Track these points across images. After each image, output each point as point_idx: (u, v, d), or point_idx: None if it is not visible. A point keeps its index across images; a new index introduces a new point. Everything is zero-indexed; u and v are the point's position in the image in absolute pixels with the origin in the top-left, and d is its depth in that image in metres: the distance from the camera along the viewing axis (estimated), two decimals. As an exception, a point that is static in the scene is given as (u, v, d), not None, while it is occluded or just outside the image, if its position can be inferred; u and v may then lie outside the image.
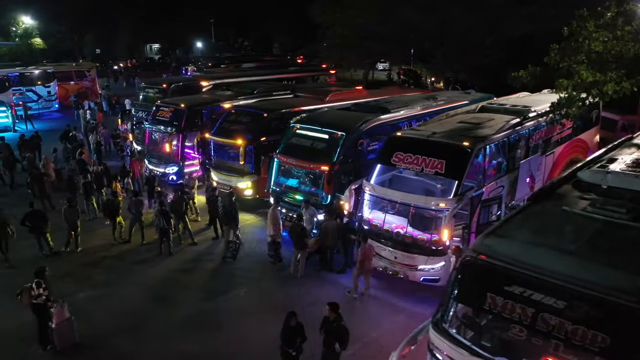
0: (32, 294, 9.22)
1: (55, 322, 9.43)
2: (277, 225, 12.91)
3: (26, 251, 13.60)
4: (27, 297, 9.22)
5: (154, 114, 19.28)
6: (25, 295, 9.22)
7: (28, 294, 9.22)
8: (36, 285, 9.29)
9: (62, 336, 9.50)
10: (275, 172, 15.06)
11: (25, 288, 9.31)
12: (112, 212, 14.14)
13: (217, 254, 13.85)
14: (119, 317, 10.81)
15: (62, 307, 9.57)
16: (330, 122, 14.55)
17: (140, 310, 11.13)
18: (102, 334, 10.20)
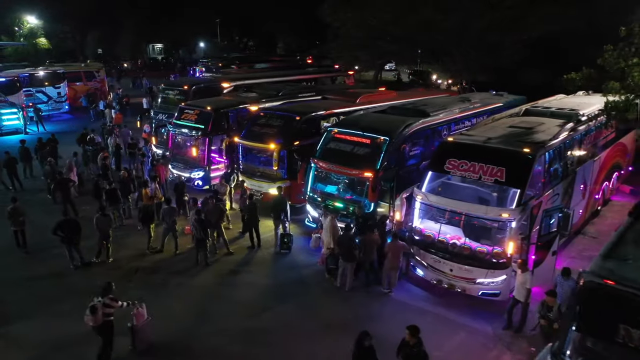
0: (104, 312, 8.79)
1: (135, 322, 9.33)
2: (336, 236, 12.23)
3: (53, 261, 12.98)
4: (100, 315, 8.71)
5: (178, 117, 18.61)
6: (98, 314, 8.68)
7: (101, 312, 8.71)
8: (110, 300, 8.93)
9: (141, 337, 9.42)
10: (312, 178, 14.45)
11: (95, 306, 8.68)
12: (149, 220, 13.44)
13: (255, 265, 13.25)
14: (161, 335, 10.13)
15: (141, 307, 9.48)
16: (371, 126, 13.92)
17: (182, 328, 10.46)
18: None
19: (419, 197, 11.53)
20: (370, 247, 11.62)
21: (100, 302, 8.76)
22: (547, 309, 9.14)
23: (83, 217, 15.67)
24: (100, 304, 8.73)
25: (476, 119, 17.21)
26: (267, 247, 14.13)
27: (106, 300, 8.85)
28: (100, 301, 8.80)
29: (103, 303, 8.79)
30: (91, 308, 8.66)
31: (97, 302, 8.74)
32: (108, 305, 8.84)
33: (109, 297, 8.93)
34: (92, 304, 8.70)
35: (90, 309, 8.66)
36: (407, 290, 11.88)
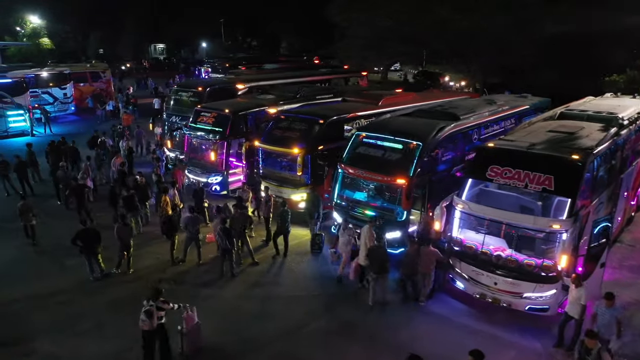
0: (159, 315, 8.72)
1: (185, 326, 9.15)
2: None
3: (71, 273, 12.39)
4: (155, 319, 8.64)
5: (195, 120, 18.00)
6: (154, 318, 8.61)
7: (156, 316, 8.64)
8: (162, 303, 8.82)
9: (191, 341, 9.25)
10: (339, 184, 13.85)
11: (150, 311, 8.59)
12: (174, 231, 12.81)
13: (283, 276, 12.65)
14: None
15: (191, 311, 9.30)
16: (402, 130, 13.33)
17: (213, 347, 9.83)
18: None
19: (459, 205, 10.94)
20: (412, 260, 10.98)
21: (153, 306, 8.64)
22: (586, 351, 8.00)
23: (97, 225, 15.16)
24: (154, 308, 8.62)
25: (504, 122, 16.71)
26: (292, 256, 13.53)
27: (158, 304, 8.75)
28: (153, 305, 8.68)
29: (156, 306, 8.68)
30: (147, 313, 8.58)
31: (150, 307, 8.62)
32: (161, 309, 8.75)
33: (160, 300, 8.81)
34: (147, 309, 8.61)
35: (146, 314, 8.58)
36: (446, 303, 11.29)
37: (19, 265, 13.01)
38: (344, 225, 12.43)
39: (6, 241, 14.38)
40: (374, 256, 11.18)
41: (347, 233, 12.28)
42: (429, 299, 11.36)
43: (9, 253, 13.64)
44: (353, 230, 12.37)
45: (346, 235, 12.27)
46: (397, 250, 12.45)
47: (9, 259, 13.28)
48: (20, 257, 13.42)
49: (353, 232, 12.35)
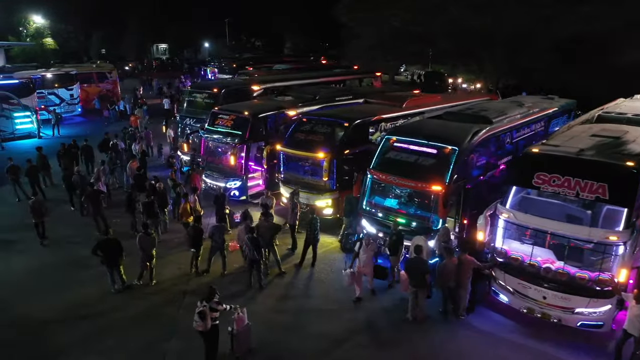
0: (211, 316, 8.68)
1: (236, 327, 9.12)
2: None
3: (91, 284, 11.78)
4: (209, 320, 8.62)
5: (212, 122, 17.40)
6: (207, 319, 8.59)
7: (209, 316, 8.62)
8: (216, 304, 8.81)
9: (241, 342, 9.19)
10: (368, 190, 13.26)
11: (204, 312, 8.56)
12: (198, 241, 12.17)
13: (313, 288, 12.03)
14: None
15: (242, 312, 9.27)
16: (436, 135, 12.72)
17: (262, 350, 9.38)
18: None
19: (504, 215, 10.35)
20: (449, 273, 10.39)
21: (207, 307, 8.60)
22: None
23: (114, 232, 14.60)
24: (207, 309, 8.58)
25: (535, 125, 16.15)
26: (321, 266, 12.93)
27: (212, 305, 8.72)
28: (207, 306, 8.62)
29: (210, 307, 8.63)
30: (200, 314, 8.54)
31: (204, 308, 8.58)
32: (214, 310, 8.73)
33: (214, 301, 8.77)
34: (200, 310, 8.57)
35: (200, 315, 8.54)
36: (488, 317, 10.70)
37: (36, 276, 12.39)
38: (367, 241, 11.27)
39: (20, 250, 13.80)
40: (413, 268, 10.59)
41: (370, 249, 11.20)
42: (470, 312, 10.76)
43: (24, 263, 13.04)
44: (377, 245, 11.51)
45: (370, 252, 11.21)
46: (432, 260, 11.86)
47: (25, 270, 12.68)
48: (36, 268, 12.80)
49: (377, 248, 11.48)
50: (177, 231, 14.68)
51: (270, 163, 16.21)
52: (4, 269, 12.65)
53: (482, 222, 10.89)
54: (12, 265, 12.89)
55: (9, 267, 12.77)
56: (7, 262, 13.02)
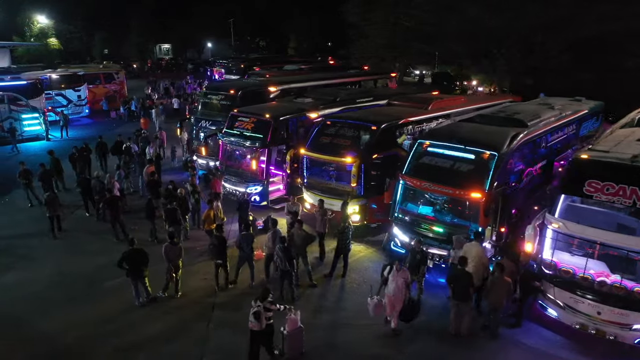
0: (266, 316, 8.69)
1: (288, 329, 9.06)
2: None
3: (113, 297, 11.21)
4: (263, 320, 8.63)
5: (231, 125, 16.84)
6: (262, 319, 8.61)
7: (263, 316, 8.63)
8: (270, 304, 8.79)
9: (293, 344, 9.07)
10: (401, 196, 12.71)
11: (258, 312, 8.60)
12: (223, 251, 11.58)
13: (346, 300, 11.47)
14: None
15: (295, 314, 9.15)
16: (473, 139, 12.17)
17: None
18: None
19: (554, 225, 9.80)
20: (502, 288, 9.81)
21: (261, 307, 8.63)
22: None
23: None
24: (261, 309, 8.62)
25: (567, 128, 15.62)
26: (352, 276, 12.37)
27: (266, 304, 8.72)
28: (261, 306, 8.65)
29: (264, 307, 8.65)
30: (255, 314, 8.60)
31: (258, 308, 8.62)
32: (268, 309, 8.73)
33: (268, 301, 8.76)
34: (255, 310, 8.62)
35: (255, 315, 8.59)
36: (536, 333, 10.14)
37: (55, 288, 11.80)
38: (397, 267, 9.83)
39: (37, 260, 13.23)
40: (456, 281, 10.03)
41: (400, 276, 9.73)
42: (516, 327, 10.21)
43: (42, 274, 12.44)
44: (407, 272, 10.06)
45: (400, 278, 9.74)
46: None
47: (44, 281, 12.09)
48: (54, 279, 12.21)
49: (409, 276, 10.02)
50: (197, 239, 14.13)
51: (293, 167, 15.61)
52: (22, 281, 12.07)
53: (531, 233, 10.33)
54: (30, 276, 12.30)
55: (27, 278, 12.18)
56: (25, 274, 12.43)
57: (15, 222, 15.65)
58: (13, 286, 11.80)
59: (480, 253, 10.39)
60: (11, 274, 12.40)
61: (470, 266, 10.10)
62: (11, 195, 17.95)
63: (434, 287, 11.67)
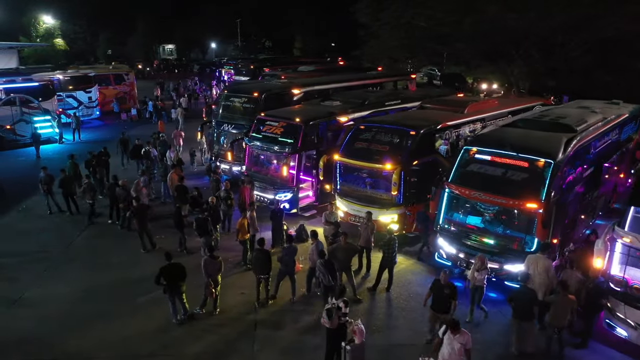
0: (339, 314, 8.45)
1: (357, 340, 8.37)
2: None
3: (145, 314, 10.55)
4: (337, 318, 8.41)
5: (258, 129, 16.20)
6: (334, 317, 8.40)
7: (336, 315, 8.41)
8: (344, 304, 8.51)
9: (356, 356, 8.38)
10: (446, 205, 12.08)
11: (331, 310, 8.41)
12: (268, 265, 10.89)
13: (396, 317, 10.81)
14: None
15: (361, 325, 8.48)
16: (525, 146, 11.51)
17: None
18: None
19: (626, 239, 9.16)
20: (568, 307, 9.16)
21: (335, 305, 8.46)
22: None
23: (161, 250, 13.45)
24: (335, 308, 8.43)
25: (611, 133, 14.98)
26: (397, 290, 11.73)
27: (340, 304, 8.48)
28: (335, 304, 8.48)
29: (337, 307, 8.44)
30: (328, 311, 8.42)
31: (332, 306, 8.49)
32: (339, 308, 8.47)
33: (342, 300, 8.51)
34: (328, 307, 8.49)
35: (327, 312, 8.41)
36: (604, 354, 9.52)
37: (84, 303, 11.11)
38: (454, 326, 7.92)
39: (61, 273, 12.55)
40: (517, 299, 9.39)
41: (459, 340, 7.85)
42: (582, 348, 9.57)
43: (68, 289, 11.72)
44: (468, 336, 8.01)
45: (457, 343, 7.84)
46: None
47: (70, 297, 11.37)
48: (81, 294, 11.51)
49: (469, 340, 7.92)
50: (229, 249, 13.51)
51: (326, 174, 14.96)
52: (48, 296, 11.38)
53: (601, 247, 9.69)
54: (56, 291, 11.61)
55: (53, 294, 11.49)
56: (50, 288, 11.75)
57: (36, 231, 14.99)
58: (39, 302, 11.13)
59: (548, 266, 9.74)
60: (36, 289, 11.72)
61: (536, 281, 9.47)
62: (29, 202, 17.29)
63: (484, 302, 11.00)
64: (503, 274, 11.19)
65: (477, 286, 10.35)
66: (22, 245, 13.99)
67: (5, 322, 10.42)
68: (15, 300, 11.17)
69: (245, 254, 12.74)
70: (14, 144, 24.39)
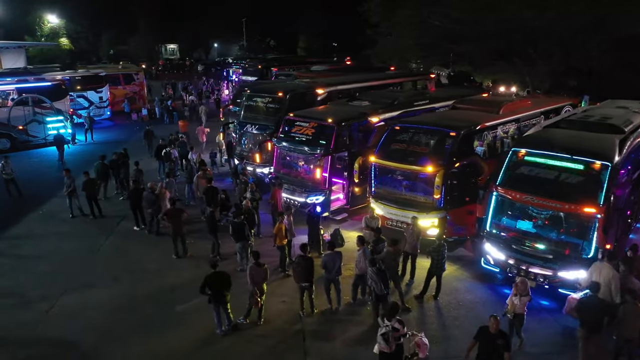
0: (394, 336, 7.88)
1: (421, 355, 8.42)
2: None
3: (186, 323, 10.05)
4: (393, 342, 7.81)
5: (287, 130, 15.72)
6: (392, 340, 7.80)
7: (392, 337, 7.81)
8: (400, 324, 7.93)
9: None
10: (494, 209, 11.61)
11: (387, 334, 7.79)
12: (311, 273, 10.40)
13: (449, 327, 10.31)
14: None
15: (424, 338, 8.48)
16: (578, 147, 11.05)
17: None
18: None
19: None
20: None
21: (389, 327, 7.83)
22: None
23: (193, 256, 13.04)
24: (390, 330, 7.81)
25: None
26: (445, 299, 11.24)
27: (395, 325, 7.88)
28: (389, 325, 7.86)
29: (392, 328, 7.84)
30: (384, 335, 7.82)
31: (387, 328, 7.84)
32: (396, 330, 7.88)
33: (397, 320, 7.92)
34: (384, 332, 7.85)
35: (384, 337, 7.81)
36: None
37: (121, 314, 10.58)
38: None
39: (94, 280, 12.01)
40: (585, 309, 8.91)
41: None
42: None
43: (103, 296, 11.27)
44: None
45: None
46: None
47: (107, 305, 10.89)
48: (118, 302, 11.02)
49: None
50: (264, 255, 12.95)
51: (362, 176, 14.49)
52: (84, 305, 10.84)
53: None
54: (90, 300, 11.08)
55: (88, 302, 10.96)
56: (84, 297, 11.21)
57: (60, 235, 14.52)
58: (76, 311, 10.63)
59: (613, 276, 9.27)
60: (69, 296, 11.22)
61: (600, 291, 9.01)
62: (48, 205, 16.79)
63: (538, 311, 10.57)
64: (556, 281, 10.74)
65: (517, 313, 9.15)
66: (48, 250, 13.51)
67: (44, 331, 9.93)
68: (50, 309, 10.65)
69: (284, 260, 12.25)
70: (26, 144, 23.87)
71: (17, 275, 12.24)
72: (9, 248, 13.77)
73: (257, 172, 17.67)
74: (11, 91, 23.94)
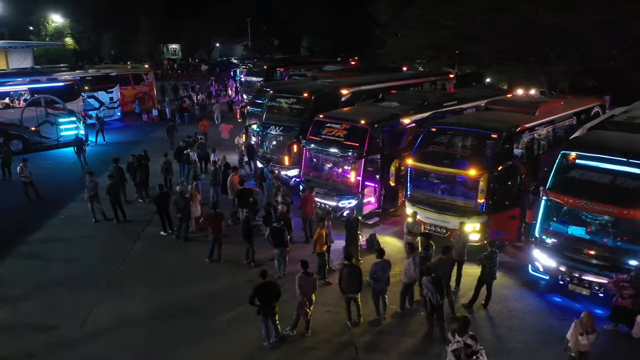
0: (466, 352, 7.33)
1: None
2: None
3: (228, 333, 9.58)
4: (465, 358, 7.29)
5: (317, 132, 15.26)
6: (463, 357, 7.29)
7: (465, 353, 7.28)
8: (473, 340, 7.37)
9: None
10: (544, 214, 11.19)
11: (459, 349, 7.28)
12: (359, 283, 9.91)
13: (506, 340, 9.83)
14: None
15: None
16: (636, 150, 10.63)
17: None
18: None
19: None
20: None
21: (461, 343, 7.28)
22: None
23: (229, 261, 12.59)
24: (462, 347, 7.24)
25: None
26: (496, 307, 10.80)
27: (467, 341, 7.32)
28: (460, 341, 7.31)
29: (464, 344, 7.27)
30: (454, 353, 7.27)
31: (458, 344, 7.29)
32: (469, 346, 7.27)
33: (469, 336, 7.36)
34: (455, 348, 7.28)
35: (454, 354, 7.27)
36: None
37: (159, 326, 10.07)
38: None
39: (125, 288, 11.55)
40: None
41: None
42: None
43: (137, 306, 10.78)
44: None
45: None
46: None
47: (142, 316, 10.41)
48: (155, 313, 10.51)
49: None
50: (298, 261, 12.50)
51: (399, 179, 14.08)
52: (118, 317, 10.33)
53: None
54: (126, 311, 10.58)
55: (122, 314, 10.43)
56: (118, 308, 10.69)
57: (84, 241, 14.04)
58: (112, 323, 10.12)
59: None
60: (103, 307, 10.72)
61: None
62: (68, 209, 16.30)
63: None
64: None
65: (582, 352, 8.23)
66: (74, 257, 13.02)
67: (81, 346, 9.42)
68: (84, 322, 10.16)
69: (323, 267, 11.78)
70: (39, 146, 23.34)
71: (49, 275, 11.91)
72: (38, 252, 13.40)
73: (282, 175, 17.19)
74: (24, 92, 23.38)
